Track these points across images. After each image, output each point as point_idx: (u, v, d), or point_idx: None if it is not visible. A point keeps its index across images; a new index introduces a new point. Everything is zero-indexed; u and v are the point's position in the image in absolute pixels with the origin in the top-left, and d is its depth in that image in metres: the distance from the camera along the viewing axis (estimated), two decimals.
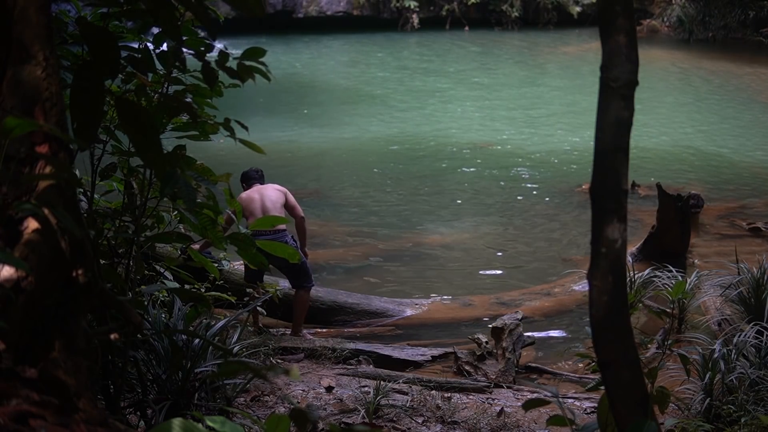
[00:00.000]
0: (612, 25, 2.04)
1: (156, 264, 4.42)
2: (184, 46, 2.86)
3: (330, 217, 10.23)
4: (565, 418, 2.29)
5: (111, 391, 3.24)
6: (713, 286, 6.99)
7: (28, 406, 1.63)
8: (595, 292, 2.09)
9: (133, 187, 3.50)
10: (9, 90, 1.97)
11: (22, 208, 1.81)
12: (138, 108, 2.40)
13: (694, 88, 19.88)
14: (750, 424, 4.59)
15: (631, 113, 2.07)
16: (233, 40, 20.48)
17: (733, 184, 11.86)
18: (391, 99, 18.37)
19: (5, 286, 1.76)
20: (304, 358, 6.37)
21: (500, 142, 14.45)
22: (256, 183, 7.13)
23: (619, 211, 2.08)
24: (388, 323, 7.36)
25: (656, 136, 14.49)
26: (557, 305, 7.70)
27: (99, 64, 2.31)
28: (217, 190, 3.35)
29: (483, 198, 11.43)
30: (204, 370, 3.97)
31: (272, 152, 7.26)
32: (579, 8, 28.02)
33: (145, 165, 3.12)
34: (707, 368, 5.08)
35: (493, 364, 6.21)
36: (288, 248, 3.89)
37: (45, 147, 1.97)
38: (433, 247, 9.39)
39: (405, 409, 5.21)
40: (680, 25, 26.50)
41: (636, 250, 8.39)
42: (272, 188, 7.00)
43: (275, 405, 5.15)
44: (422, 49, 24.97)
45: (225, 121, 3.15)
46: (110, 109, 3.27)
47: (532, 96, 19.06)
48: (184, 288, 3.97)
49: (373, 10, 27.26)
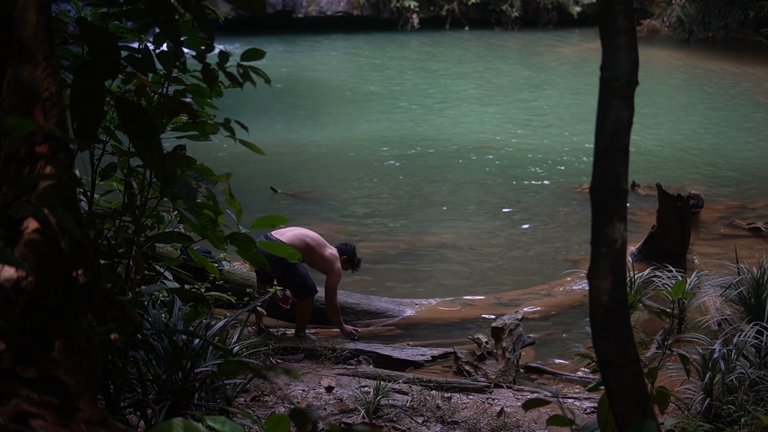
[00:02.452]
0: (612, 25, 2.05)
1: (156, 264, 4.42)
2: (184, 46, 2.86)
3: (330, 217, 10.23)
4: (565, 418, 2.29)
5: (111, 391, 3.24)
6: (713, 286, 6.99)
7: (28, 406, 1.63)
8: (595, 292, 2.09)
9: (133, 187, 3.50)
10: (9, 90, 1.97)
11: (22, 208, 1.81)
12: (138, 108, 2.40)
13: (694, 88, 19.88)
14: (750, 424, 4.59)
15: (631, 113, 2.08)
16: (233, 40, 20.50)
17: (733, 184, 11.86)
18: (391, 99, 18.37)
19: (5, 286, 1.76)
20: (304, 358, 6.37)
21: (500, 142, 14.45)
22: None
23: (619, 211, 2.08)
24: (388, 323, 7.36)
25: (656, 136, 14.49)
26: (557, 305, 7.70)
27: (99, 64, 2.31)
28: (217, 190, 3.35)
29: (482, 198, 11.43)
30: (204, 370, 3.97)
31: (272, 152, 7.25)
32: (579, 8, 28.01)
33: (145, 165, 3.12)
34: (707, 368, 5.08)
35: (493, 364, 6.21)
36: (288, 248, 3.89)
37: (45, 147, 1.97)
38: (433, 247, 9.39)
39: (405, 409, 5.21)
40: (680, 25, 26.49)
41: (636, 250, 8.39)
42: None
43: (275, 405, 5.15)
44: (422, 49, 24.97)
45: (225, 121, 3.16)
46: (110, 109, 3.27)
47: (532, 96, 19.06)
48: (184, 288, 3.97)
49: (373, 10, 27.25)
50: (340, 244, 7.11)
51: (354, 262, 7.09)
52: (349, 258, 7.02)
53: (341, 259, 6.91)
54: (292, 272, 6.48)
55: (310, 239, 6.71)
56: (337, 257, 6.83)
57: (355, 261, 7.10)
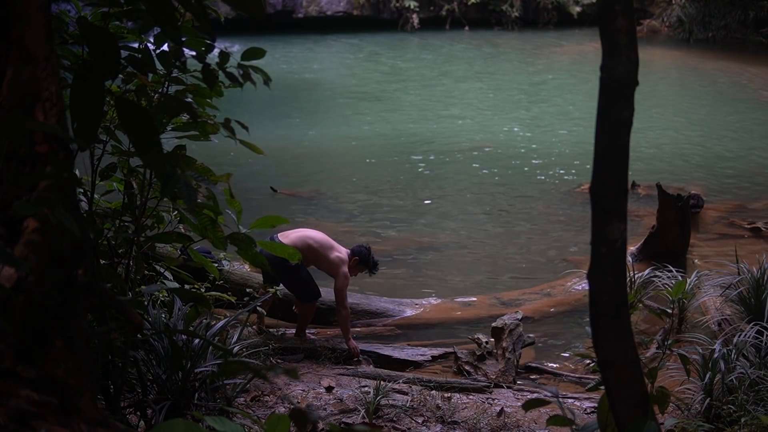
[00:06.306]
0: (612, 25, 2.05)
1: (156, 264, 4.42)
2: (184, 46, 2.86)
3: (330, 217, 10.23)
4: (565, 418, 2.29)
5: (111, 391, 3.24)
6: (713, 286, 6.98)
7: (28, 406, 1.63)
8: (595, 292, 2.09)
9: (133, 187, 3.50)
10: (9, 90, 1.97)
11: (22, 208, 1.81)
12: (138, 108, 2.40)
13: (694, 88, 19.87)
14: (750, 424, 4.59)
15: (631, 113, 2.08)
16: (233, 40, 20.48)
17: (733, 184, 11.85)
18: (391, 99, 18.36)
19: (5, 286, 1.76)
20: (304, 358, 6.37)
21: (500, 141, 14.44)
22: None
23: (619, 211, 2.08)
24: (388, 323, 7.36)
25: (656, 136, 14.49)
26: (557, 305, 7.70)
27: (99, 64, 2.31)
28: (217, 190, 3.35)
29: (482, 197, 11.42)
30: (204, 370, 3.97)
31: (272, 152, 7.20)
32: (579, 8, 27.99)
33: (145, 165, 3.12)
34: (707, 368, 5.08)
35: (493, 364, 6.21)
36: (288, 248, 3.89)
37: (45, 147, 1.97)
38: (433, 247, 9.39)
39: (405, 409, 5.21)
40: (680, 25, 26.48)
41: (636, 250, 8.38)
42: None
43: (275, 405, 5.15)
44: (422, 49, 24.96)
45: (225, 121, 3.16)
46: (110, 109, 3.27)
47: (532, 96, 19.05)
48: (184, 288, 3.97)
49: (373, 10, 27.24)
50: (356, 245, 6.80)
51: (369, 264, 6.71)
52: (362, 260, 6.66)
53: (353, 260, 6.61)
54: (294, 275, 6.43)
55: (314, 241, 6.49)
56: (345, 260, 6.52)
57: (370, 263, 6.71)
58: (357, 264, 6.67)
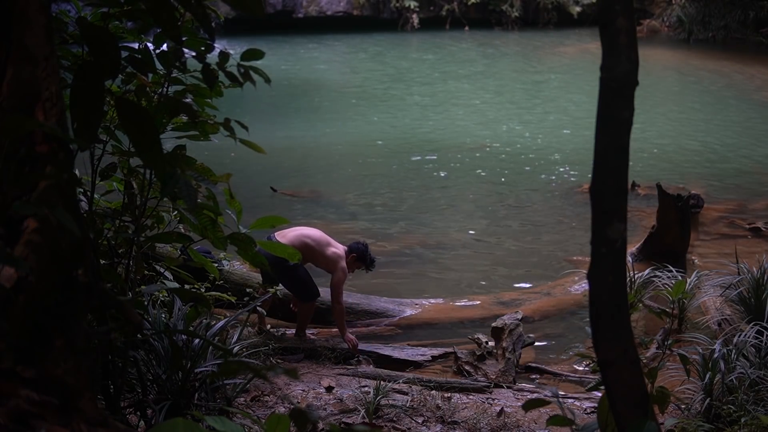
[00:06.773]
0: (612, 25, 2.05)
1: (156, 264, 4.42)
2: (184, 46, 2.86)
3: (329, 217, 10.23)
4: (565, 418, 2.29)
5: (111, 391, 3.24)
6: (713, 286, 6.98)
7: (28, 406, 1.63)
8: (595, 292, 2.09)
9: (133, 187, 3.50)
10: (9, 90, 1.97)
11: (22, 208, 1.81)
12: (138, 108, 2.40)
13: (694, 88, 19.88)
14: (750, 424, 4.59)
15: (631, 113, 2.08)
16: (233, 40, 20.49)
17: (733, 184, 11.85)
18: (391, 99, 18.37)
19: (5, 286, 1.76)
20: (304, 358, 6.37)
21: (500, 141, 14.45)
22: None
23: (619, 211, 2.08)
24: (388, 323, 7.36)
25: (656, 136, 14.49)
26: (557, 305, 7.70)
27: (99, 64, 2.31)
28: (217, 190, 3.35)
29: (482, 197, 11.42)
30: (204, 370, 3.97)
31: (272, 152, 7.21)
32: (579, 8, 28.01)
33: (145, 165, 3.12)
34: (707, 368, 5.08)
35: (493, 364, 6.21)
36: (287, 248, 3.89)
37: (45, 147, 1.97)
38: (433, 247, 9.39)
39: (405, 409, 5.21)
40: (680, 25, 26.50)
41: (636, 250, 8.38)
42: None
43: (275, 405, 5.15)
44: (422, 50, 24.97)
45: (225, 121, 3.16)
46: (110, 109, 3.27)
47: (532, 96, 19.05)
48: (184, 288, 3.97)
49: (373, 10, 27.26)
50: (353, 242, 6.85)
51: (366, 260, 6.74)
52: (359, 256, 6.68)
53: (350, 257, 6.64)
54: (293, 275, 6.44)
55: (310, 239, 6.52)
56: (342, 256, 6.57)
57: (367, 260, 6.74)
58: (354, 260, 6.69)
